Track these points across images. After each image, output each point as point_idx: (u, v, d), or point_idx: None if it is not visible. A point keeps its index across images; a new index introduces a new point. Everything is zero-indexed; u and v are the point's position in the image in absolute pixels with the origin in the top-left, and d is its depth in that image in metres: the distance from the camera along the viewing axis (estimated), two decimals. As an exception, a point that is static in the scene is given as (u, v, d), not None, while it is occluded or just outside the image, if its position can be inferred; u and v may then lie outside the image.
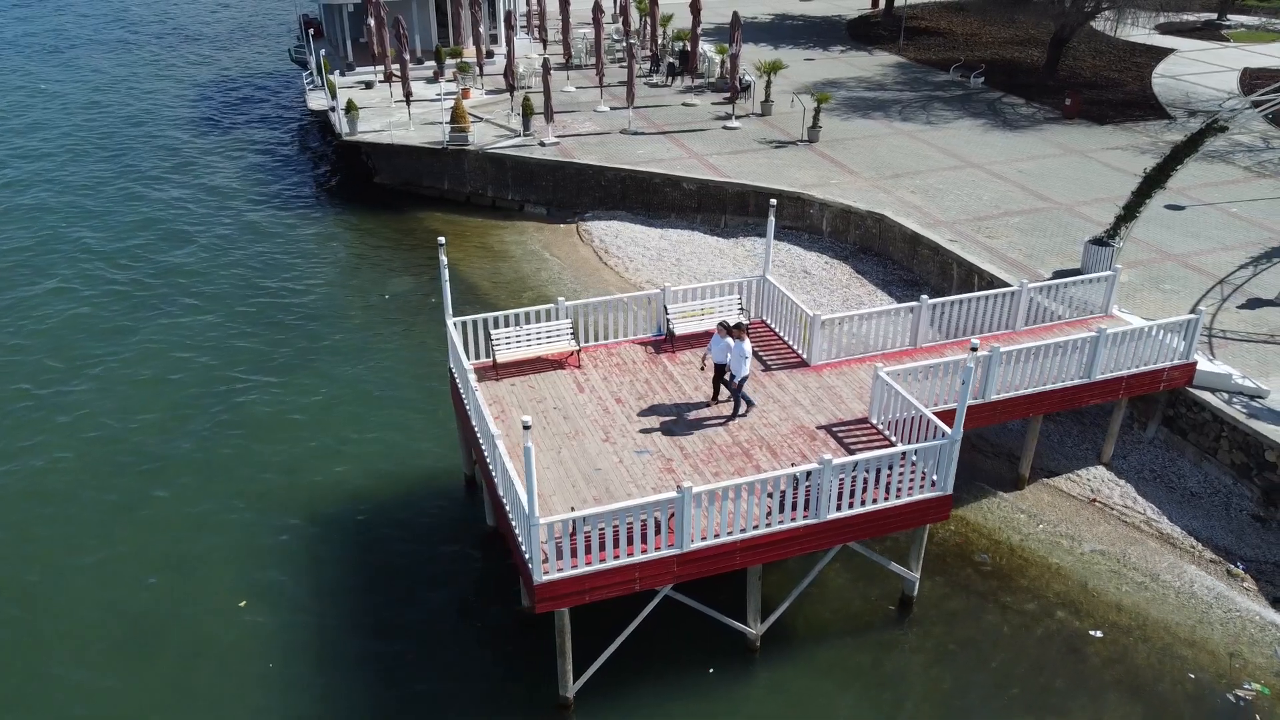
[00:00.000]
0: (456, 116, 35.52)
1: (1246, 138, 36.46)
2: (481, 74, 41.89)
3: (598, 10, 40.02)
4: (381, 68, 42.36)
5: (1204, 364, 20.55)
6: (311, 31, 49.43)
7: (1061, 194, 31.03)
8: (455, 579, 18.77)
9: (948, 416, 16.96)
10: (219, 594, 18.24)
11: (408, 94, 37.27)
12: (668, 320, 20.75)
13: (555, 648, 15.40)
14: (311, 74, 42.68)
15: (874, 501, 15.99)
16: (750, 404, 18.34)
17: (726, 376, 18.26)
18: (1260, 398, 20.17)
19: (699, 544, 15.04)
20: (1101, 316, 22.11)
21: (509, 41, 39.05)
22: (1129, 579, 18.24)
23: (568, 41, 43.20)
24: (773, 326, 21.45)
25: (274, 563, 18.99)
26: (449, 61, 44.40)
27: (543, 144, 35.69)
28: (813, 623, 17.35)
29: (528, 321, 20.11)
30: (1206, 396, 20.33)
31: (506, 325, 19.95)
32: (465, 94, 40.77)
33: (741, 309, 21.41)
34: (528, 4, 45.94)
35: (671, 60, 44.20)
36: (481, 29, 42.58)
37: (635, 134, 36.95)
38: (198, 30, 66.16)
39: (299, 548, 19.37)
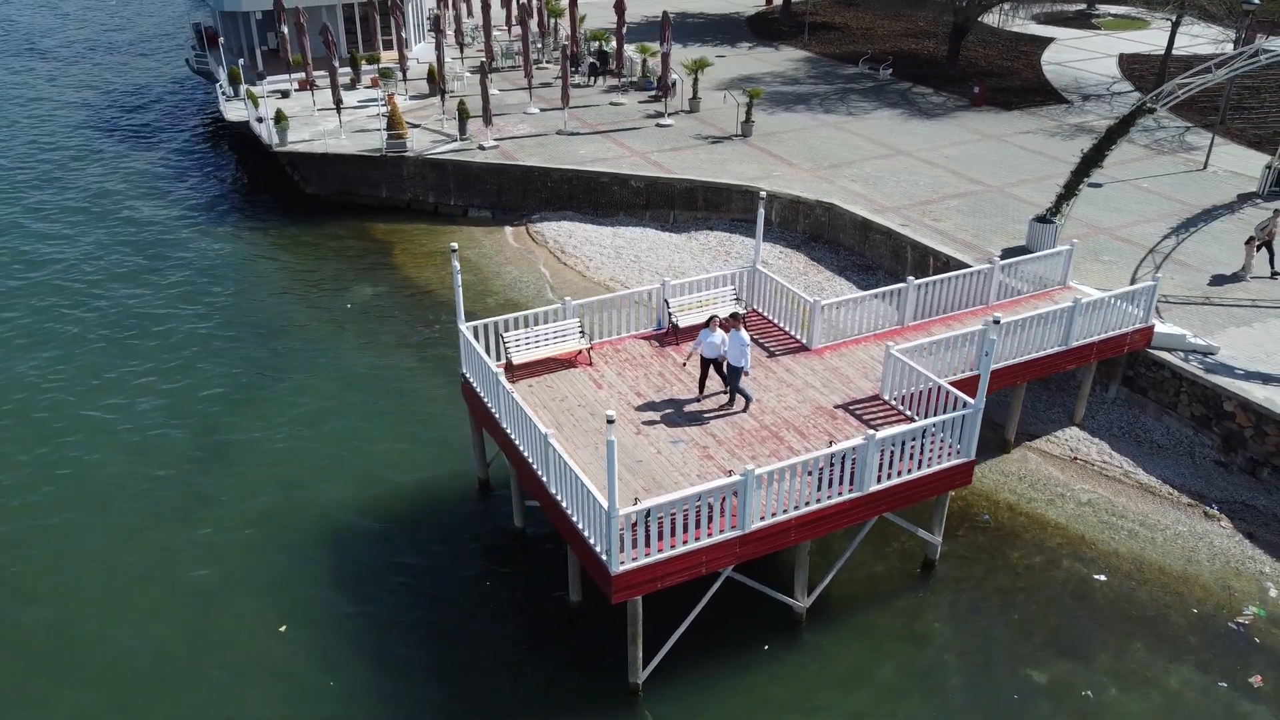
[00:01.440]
0: (393, 123, 35.11)
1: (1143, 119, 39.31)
2: (405, 79, 41.38)
3: (525, 13, 40.09)
4: (298, 76, 41.43)
5: (1160, 327, 22.40)
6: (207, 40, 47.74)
7: (990, 177, 32.96)
8: (491, 581, 18.87)
9: (958, 388, 18.11)
10: (254, 620, 17.85)
11: (338, 102, 36.60)
12: (670, 314, 21.30)
13: (626, 636, 15.79)
14: (224, 84, 41.31)
15: (908, 472, 16.98)
16: (748, 399, 18.78)
17: (725, 369, 18.63)
18: (1211, 354, 22.14)
19: (758, 524, 15.69)
20: (1060, 289, 23.76)
21: (438, 46, 38.69)
22: (1120, 527, 19.81)
23: (490, 44, 43.09)
24: (766, 314, 22.25)
25: (302, 582, 18.69)
26: (366, 67, 43.79)
27: (482, 147, 35.65)
28: (848, 593, 18.22)
29: (537, 323, 20.33)
30: (1165, 356, 22.18)
31: (516, 327, 20.13)
32: (390, 100, 40.26)
33: (737, 299, 22.15)
34: (440, 6, 45.49)
35: (592, 60, 44.64)
36: (405, 33, 42.03)
37: (572, 134, 37.28)
38: (75, 43, 62.76)
39: (324, 565, 19.11)
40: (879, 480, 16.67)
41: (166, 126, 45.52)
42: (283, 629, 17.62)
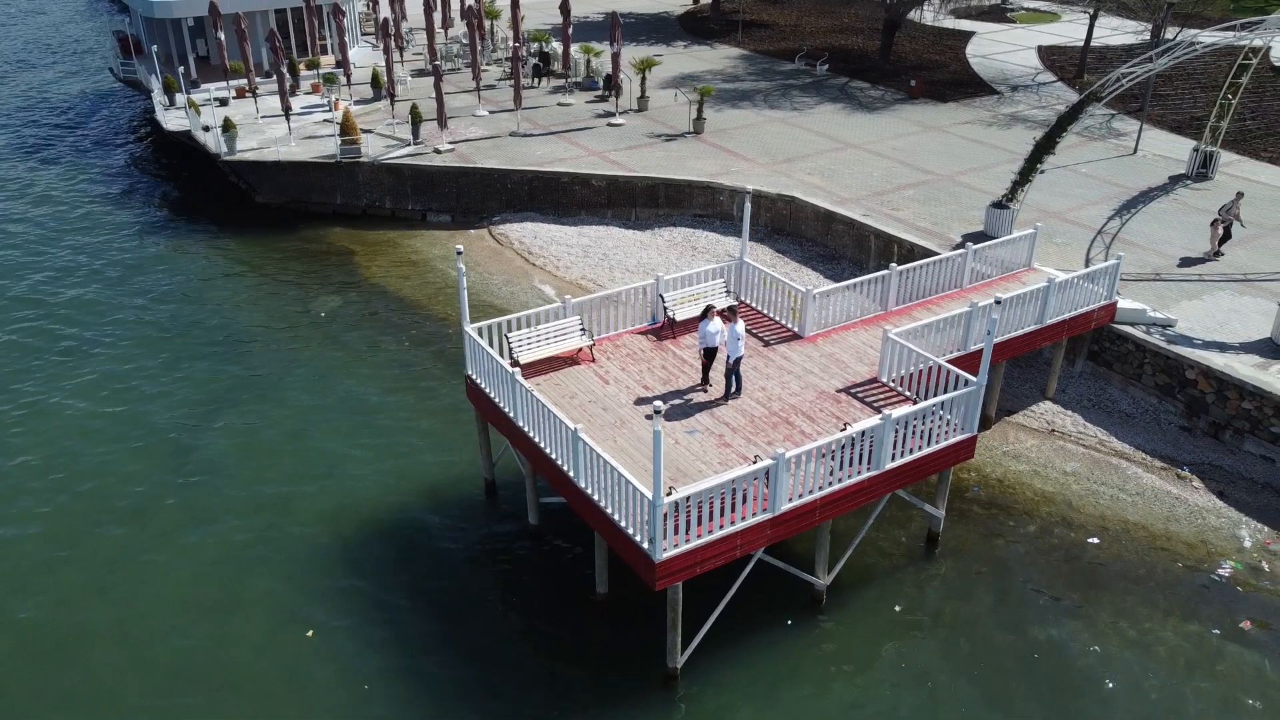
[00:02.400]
0: (347, 129, 34.72)
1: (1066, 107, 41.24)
2: (349, 84, 40.89)
3: (473, 15, 40.00)
4: (236, 83, 40.59)
5: (1122, 303, 23.73)
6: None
7: (938, 166, 34.23)
8: (513, 578, 19.05)
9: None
10: (275, 631, 17.70)
11: (287, 108, 35.99)
12: (665, 308, 21.73)
13: (666, 622, 16.19)
14: (159, 94, 40.19)
15: (919, 449, 17.76)
16: (733, 389, 19.28)
17: (729, 360, 19.16)
18: (1170, 326, 23.55)
19: (788, 506, 16.26)
20: (1025, 270, 24.94)
21: (386, 50, 38.35)
22: (1102, 493, 20.99)
23: (433, 47, 42.83)
24: (755, 305, 22.85)
25: (319, 590, 18.57)
26: (306, 73, 43.15)
27: (438, 151, 35.53)
28: (861, 569, 18.92)
29: (538, 322, 20.55)
30: (1128, 330, 23.51)
31: (519, 327, 20.32)
32: (335, 105, 39.80)
33: (728, 291, 22.71)
34: (370, 10, 44.98)
35: (535, 62, 44.75)
36: (348, 38, 41.52)
37: (525, 135, 37.40)
38: (-25, 52, 60.16)
39: (338, 573, 19.01)
40: (893, 458, 17.41)
41: (98, 141, 44.04)
42: (310, 634, 17.52)
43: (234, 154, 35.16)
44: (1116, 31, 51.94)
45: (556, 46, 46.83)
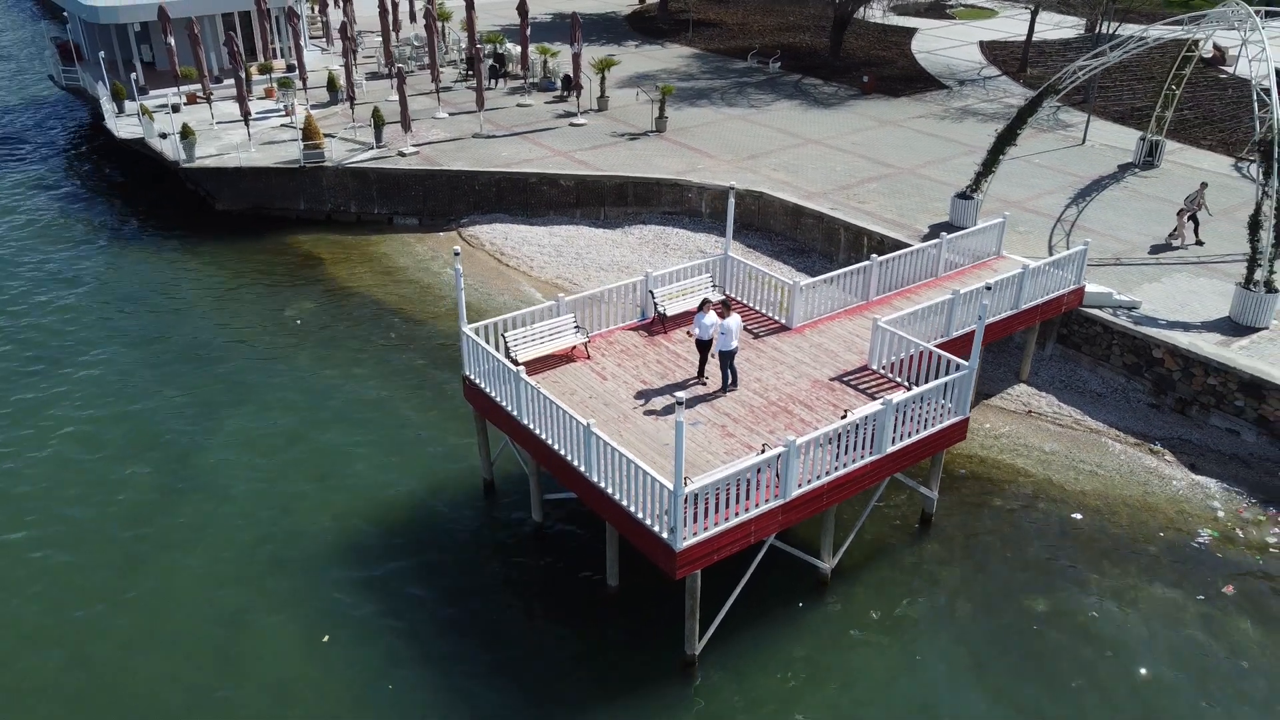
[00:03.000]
0: (310, 133, 34.36)
1: (1014, 100, 42.56)
2: (305, 88, 40.42)
3: (430, 17, 39.83)
4: (187, 88, 39.87)
5: (1090, 287, 24.66)
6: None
7: (898, 160, 35.08)
8: (521, 574, 19.20)
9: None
10: (286, 639, 17.60)
11: (246, 113, 35.49)
12: (655, 304, 22.04)
13: (684, 610, 16.51)
14: (107, 101, 39.27)
15: (916, 432, 18.33)
16: (734, 379, 19.69)
17: (715, 351, 19.53)
18: (1135, 308, 24.56)
19: (798, 491, 16.69)
20: (995, 258, 25.77)
21: (345, 54, 38.01)
22: (1081, 469, 21.84)
23: (389, 50, 42.51)
24: (741, 299, 23.26)
25: (327, 596, 18.50)
26: (258, 77, 42.53)
27: (402, 154, 35.35)
28: (861, 551, 19.44)
29: (533, 321, 20.69)
30: (1095, 313, 24.45)
31: (514, 327, 20.44)
32: (290, 111, 39.32)
33: (715, 285, 23.09)
34: (317, 14, 44.40)
35: (492, 63, 44.70)
36: (302, 42, 41.04)
37: (489, 137, 37.39)
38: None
39: (344, 577, 18.95)
40: (893, 442, 17.96)
41: (42, 151, 42.83)
42: (325, 639, 17.47)
43: (193, 161, 34.55)
44: (1054, 27, 53.60)
45: (510, 47, 46.86)
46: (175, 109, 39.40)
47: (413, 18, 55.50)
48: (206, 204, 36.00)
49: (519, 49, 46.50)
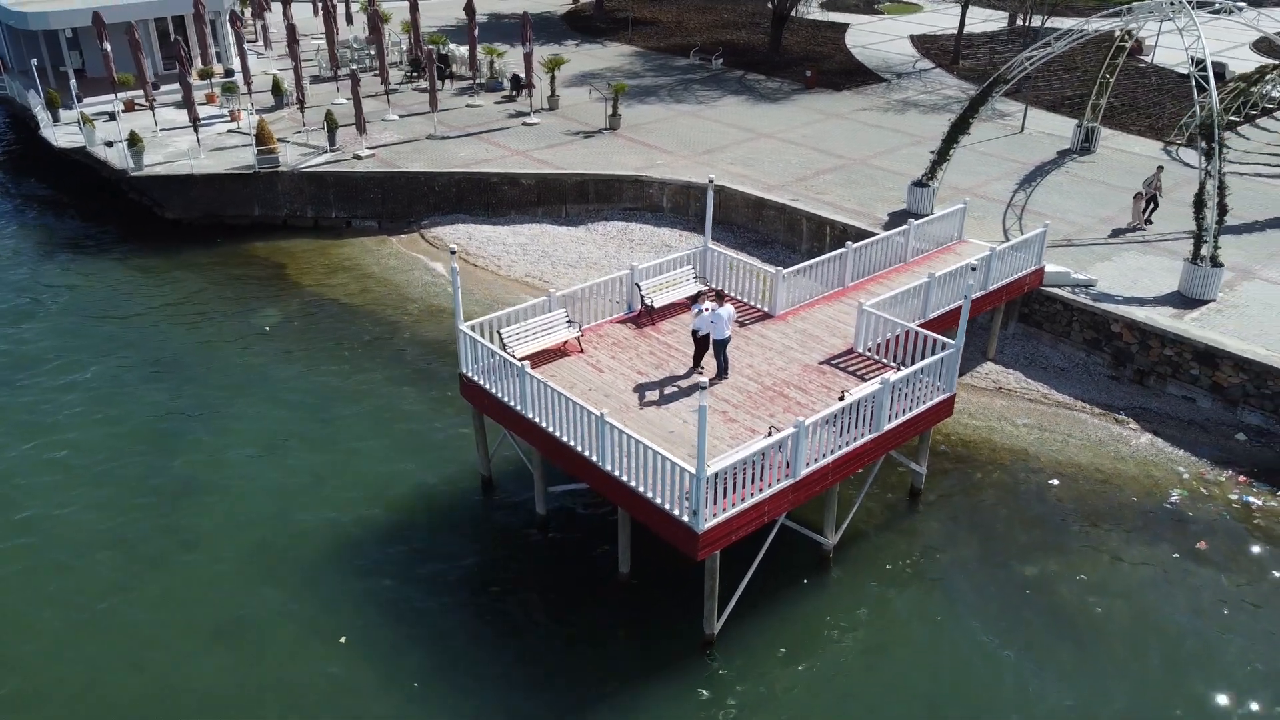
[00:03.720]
0: (263, 138, 33.86)
1: (950, 91, 44.01)
2: (250, 92, 39.73)
3: (377, 18, 39.50)
4: (124, 95, 38.86)
5: (1049, 267, 25.81)
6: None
7: (849, 151, 36.05)
8: (531, 566, 19.42)
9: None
10: (298, 644, 17.52)
11: (195, 119, 34.78)
12: (643, 296, 22.42)
13: (704, 590, 16.97)
14: (43, 109, 38.06)
15: (909, 410, 19.07)
16: (725, 367, 20.24)
17: (713, 340, 20.06)
18: (1091, 286, 25.79)
19: (806, 471, 17.26)
20: (957, 243, 26.79)
21: (294, 57, 37.48)
22: (1053, 440, 22.90)
23: (334, 53, 42.01)
24: (722, 289, 23.74)
25: (336, 598, 18.45)
26: (198, 83, 41.63)
27: (358, 157, 35.06)
28: (857, 527, 20.11)
29: (526, 318, 20.89)
30: (1055, 292, 25.61)
31: (508, 324, 20.62)
32: (235, 116, 38.66)
33: (697, 276, 23.57)
34: (236, 18, 43.32)
35: (437, 64, 44.45)
36: (246, 46, 40.30)
37: (443, 138, 37.30)
38: None
39: (349, 580, 18.89)
40: (890, 420, 18.66)
41: (-32, 160, 41.33)
42: (343, 640, 17.47)
43: (141, 169, 33.76)
44: (980, 21, 55.42)
45: (453, 48, 46.69)
46: (113, 116, 38.46)
47: (349, 20, 54.85)
48: (154, 214, 35.17)
49: (462, 49, 46.42)
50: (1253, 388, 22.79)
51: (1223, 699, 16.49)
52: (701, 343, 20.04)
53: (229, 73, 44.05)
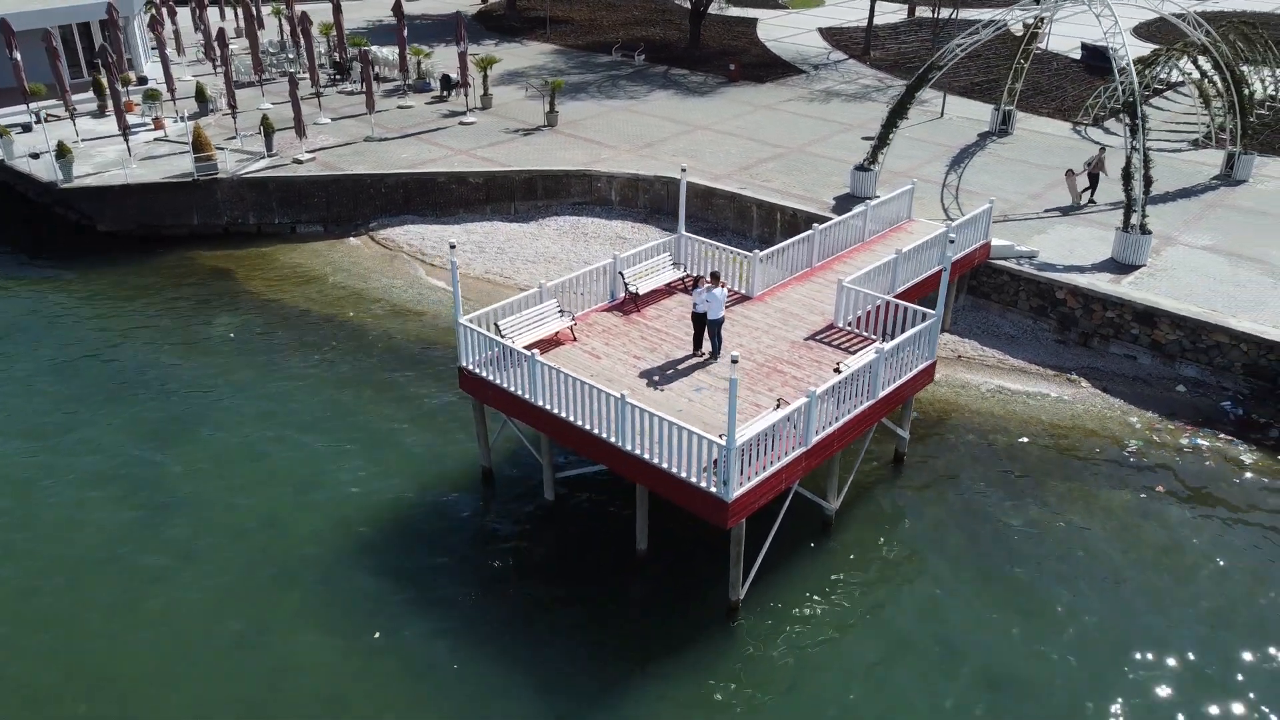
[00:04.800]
0: (200, 145, 33.08)
1: (867, 80, 45.83)
2: (174, 99, 38.62)
3: (305, 22, 38.89)
4: (35, 105, 37.36)
5: (994, 241, 27.43)
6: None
7: (785, 140, 37.30)
8: (546, 549, 19.82)
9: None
10: (326, 644, 17.51)
11: (125, 128, 33.74)
12: (626, 284, 23.01)
13: (730, 558, 17.69)
14: (-51, 123, 36.29)
15: (899, 377, 20.20)
16: (717, 348, 21.08)
17: (708, 319, 20.87)
18: (1034, 257, 27.52)
19: (816, 438, 18.17)
20: (907, 222, 28.20)
21: (224, 61, 36.63)
22: (1016, 401, 24.45)
23: (258, 58, 41.11)
24: (698, 274, 24.53)
25: (352, 596, 18.49)
26: (113, 89, 40.24)
27: (299, 161, 34.58)
28: (854, 493, 21.14)
29: (520, 309, 21.24)
30: (1001, 264, 27.24)
31: (503, 316, 20.94)
32: (159, 124, 37.60)
33: (675, 263, 24.28)
34: (158, 22, 42.14)
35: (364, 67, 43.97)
36: (168, 52, 39.11)
37: (382, 140, 37.07)
38: None
39: (364, 576, 18.94)
40: (883, 386, 19.74)
41: None
42: (376, 635, 17.57)
43: (71, 181, 32.60)
44: (880, 14, 57.59)
45: (375, 50, 46.21)
46: (27, 128, 36.97)
47: (260, 24, 53.52)
48: (85, 227, 33.97)
49: (383, 51, 46.03)
50: (1188, 343, 24.78)
51: (1197, 618, 18.08)
52: (700, 321, 20.76)
53: (143, 80, 42.71)
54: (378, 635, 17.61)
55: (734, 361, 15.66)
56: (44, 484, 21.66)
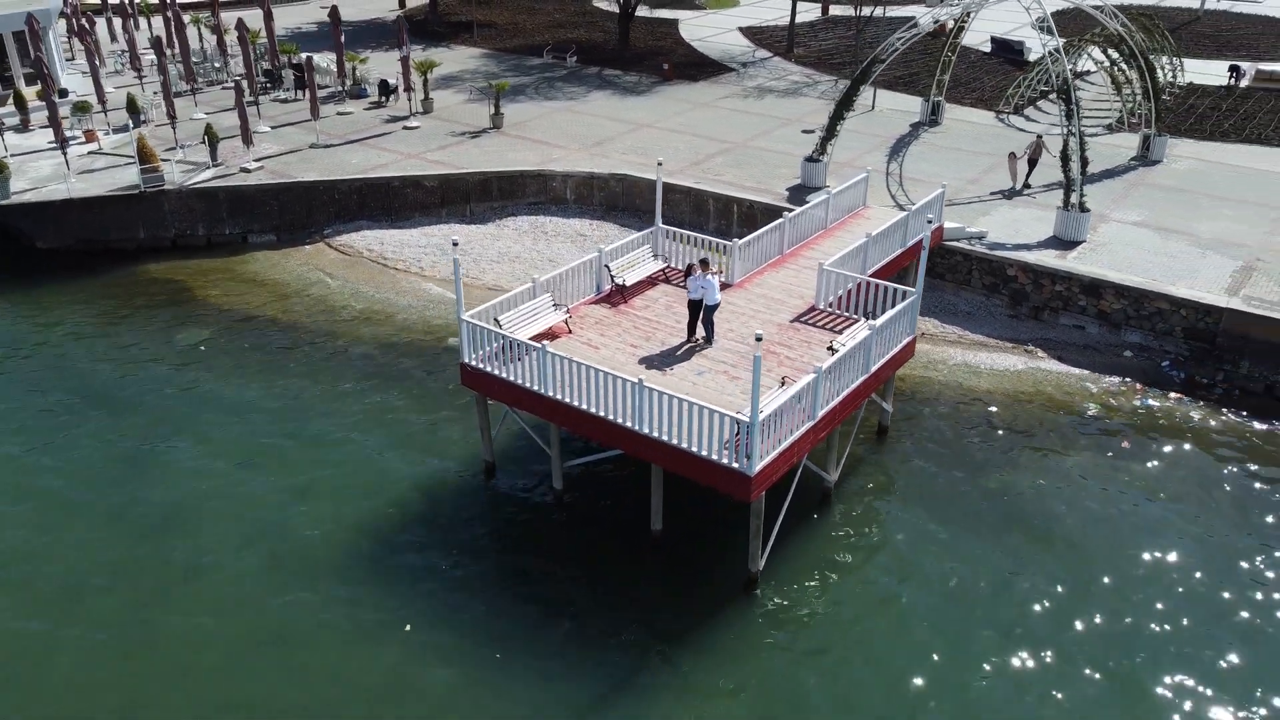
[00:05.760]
0: (145, 156, 32.31)
1: (796, 77, 47.28)
2: (105, 111, 37.51)
3: (243, 28, 38.21)
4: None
5: (947, 224, 28.88)
6: None
7: (729, 135, 38.33)
8: (561, 535, 20.25)
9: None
10: (352, 644, 17.60)
11: (63, 141, 32.67)
12: (613, 276, 23.57)
13: (750, 531, 18.42)
14: None
15: (886, 352, 21.27)
16: (709, 334, 21.86)
17: (704, 305, 21.67)
18: (983, 238, 29.08)
19: (823, 412, 19.07)
20: (863, 209, 29.47)
21: (163, 69, 35.74)
22: (981, 372, 25.85)
23: (190, 66, 40.17)
24: (677, 265, 25.25)
25: (376, 596, 18.60)
26: (35, 103, 38.88)
27: (246, 170, 34.07)
28: (846, 466, 22.13)
29: (516, 304, 21.61)
30: (953, 245, 28.72)
31: (503, 311, 21.29)
32: (90, 136, 36.52)
33: (656, 254, 24.94)
34: (85, 32, 40.82)
35: (295, 74, 43.41)
36: (96, 62, 37.93)
37: (327, 146, 36.75)
38: None
39: (377, 577, 19.04)
40: (875, 362, 20.78)
41: None
42: (408, 628, 17.76)
43: (8, 198, 31.47)
44: (794, 13, 59.30)
45: (304, 57, 45.57)
46: (-54, 145, 35.46)
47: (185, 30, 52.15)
48: (23, 245, 32.80)
49: (315, 57, 45.44)
50: (1132, 311, 26.61)
51: (1165, 561, 19.60)
52: (696, 307, 21.46)
53: (63, 93, 41.26)
54: (408, 628, 17.80)
55: (758, 339, 16.42)
56: (21, 509, 21.03)
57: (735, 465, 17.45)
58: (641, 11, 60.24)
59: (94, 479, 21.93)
